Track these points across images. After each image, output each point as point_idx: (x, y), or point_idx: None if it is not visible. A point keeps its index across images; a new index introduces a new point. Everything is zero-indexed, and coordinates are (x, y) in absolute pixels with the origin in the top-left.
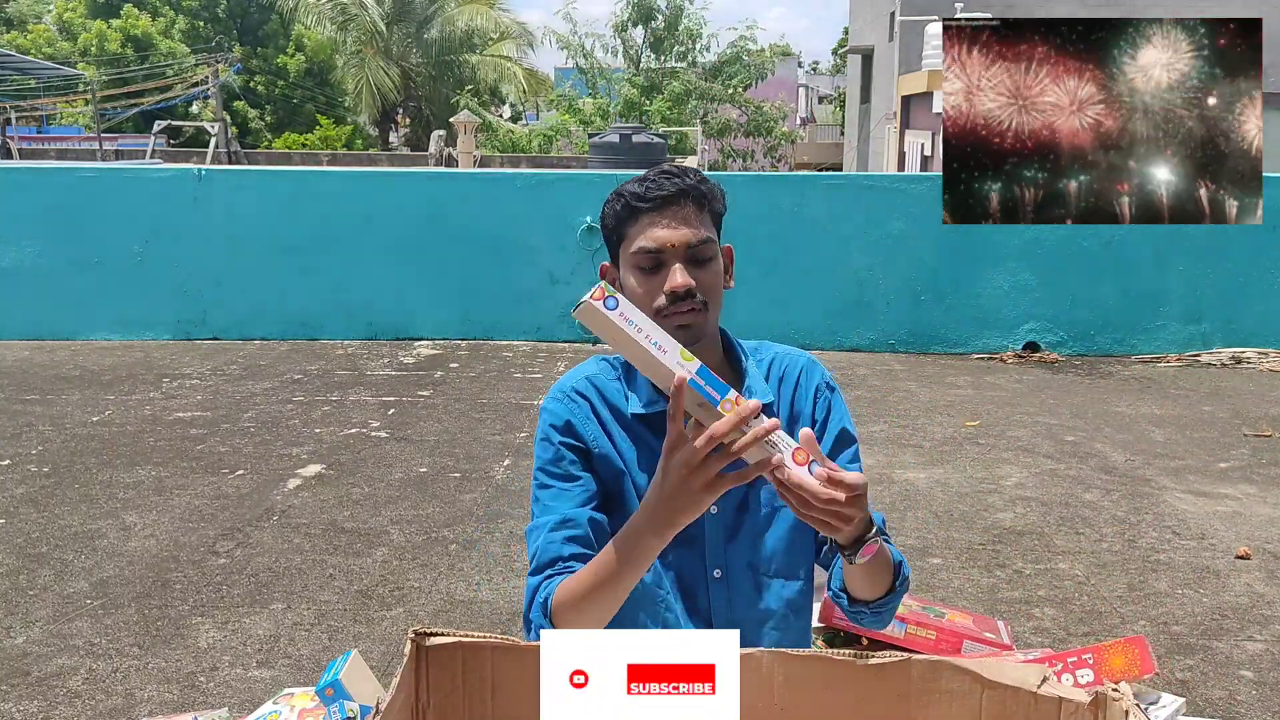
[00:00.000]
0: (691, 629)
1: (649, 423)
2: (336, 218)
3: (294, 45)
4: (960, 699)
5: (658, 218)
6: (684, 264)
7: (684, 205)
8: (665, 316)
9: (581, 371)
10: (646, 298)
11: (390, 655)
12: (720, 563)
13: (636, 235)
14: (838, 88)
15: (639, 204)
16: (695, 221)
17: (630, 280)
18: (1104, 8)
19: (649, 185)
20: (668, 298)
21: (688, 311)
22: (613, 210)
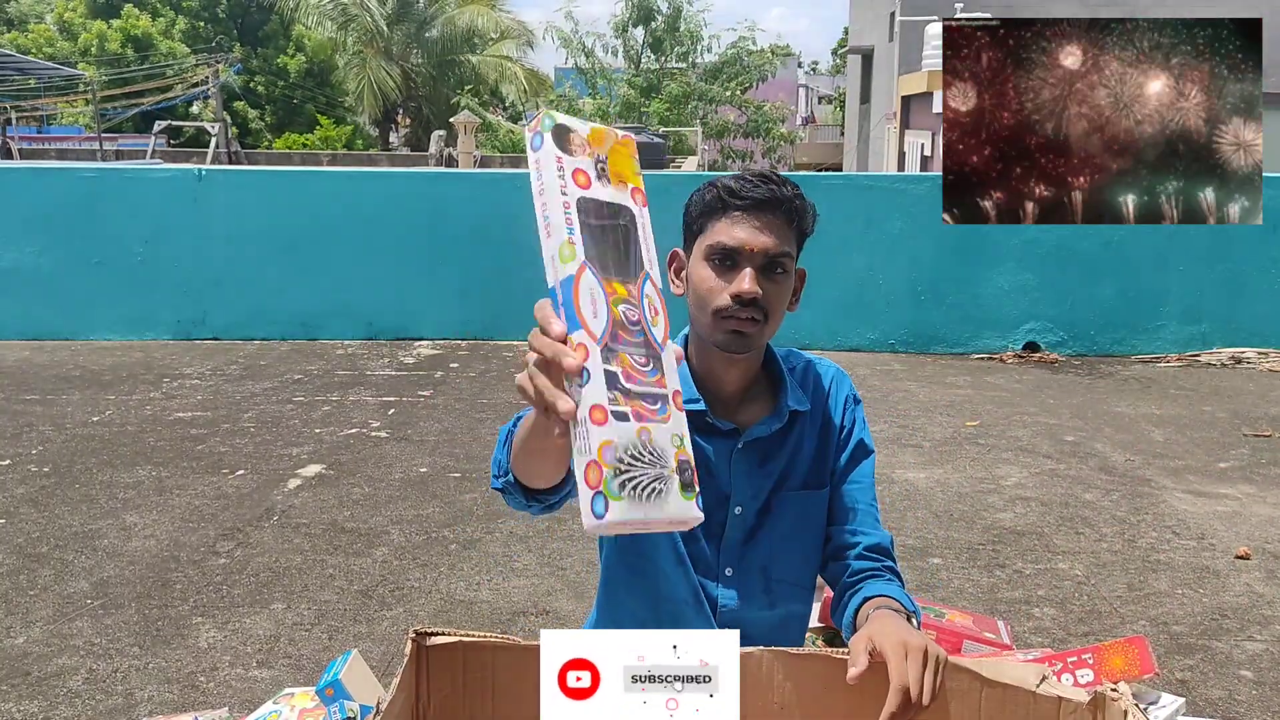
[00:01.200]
0: (696, 628)
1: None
2: (337, 218)
3: (294, 45)
4: (960, 698)
5: (744, 218)
6: (757, 271)
7: (774, 213)
8: (724, 318)
9: None
10: (711, 294)
11: (390, 655)
12: (734, 562)
13: (719, 230)
14: (838, 88)
15: (731, 199)
16: (780, 232)
17: (700, 271)
18: (1104, 8)
19: (745, 183)
20: (733, 300)
21: (747, 319)
22: (701, 198)
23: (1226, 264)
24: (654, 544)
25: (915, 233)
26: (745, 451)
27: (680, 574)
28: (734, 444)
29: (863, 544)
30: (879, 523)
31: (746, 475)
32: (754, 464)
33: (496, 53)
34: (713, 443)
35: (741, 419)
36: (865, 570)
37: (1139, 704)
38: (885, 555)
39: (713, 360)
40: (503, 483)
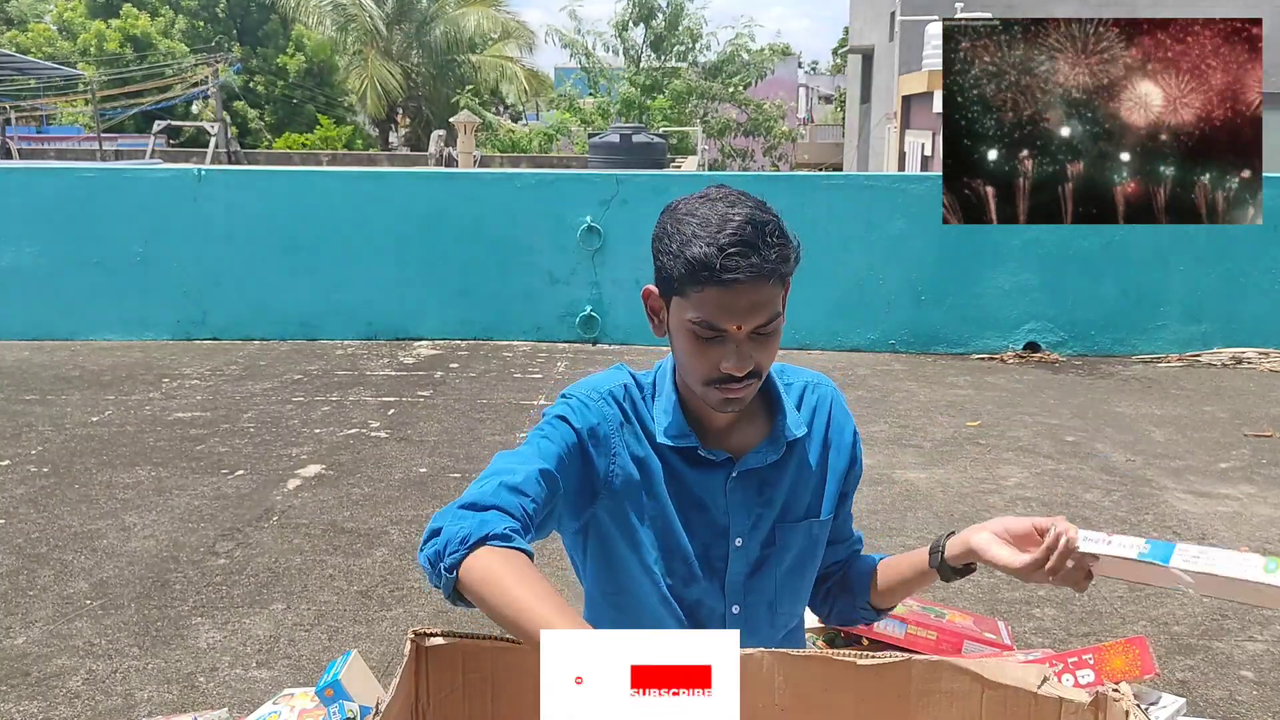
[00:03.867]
0: None
1: (678, 452)
2: (336, 218)
3: (294, 45)
4: (960, 699)
5: (725, 296)
6: (746, 343)
7: (759, 284)
8: (715, 387)
9: (615, 379)
10: (698, 363)
11: (390, 655)
12: (739, 599)
13: (699, 302)
14: (838, 88)
15: (705, 273)
16: (767, 299)
17: (683, 341)
18: (1104, 8)
19: (725, 263)
20: (722, 373)
21: (741, 388)
22: (671, 263)
23: (1226, 264)
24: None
25: (915, 233)
26: (741, 480)
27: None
28: (728, 473)
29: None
30: None
31: (744, 506)
32: (751, 493)
33: (497, 53)
34: (706, 474)
35: (734, 444)
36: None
37: (1140, 704)
38: None
39: (701, 407)
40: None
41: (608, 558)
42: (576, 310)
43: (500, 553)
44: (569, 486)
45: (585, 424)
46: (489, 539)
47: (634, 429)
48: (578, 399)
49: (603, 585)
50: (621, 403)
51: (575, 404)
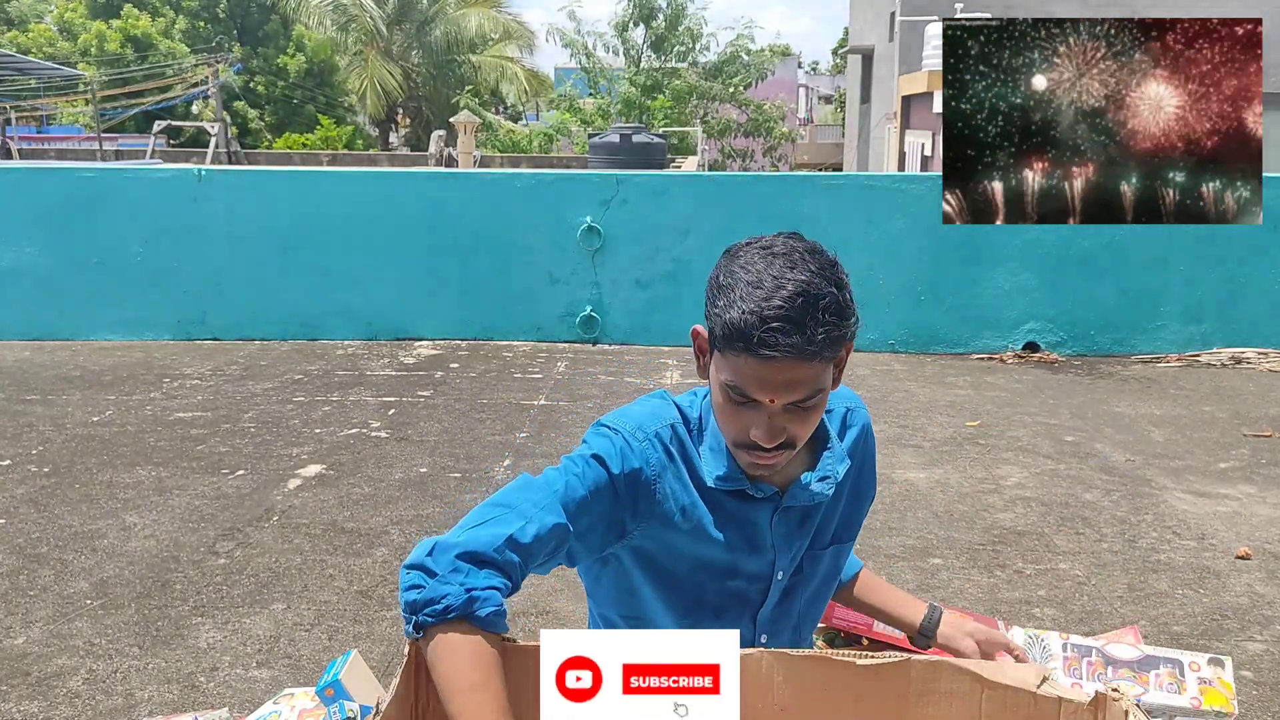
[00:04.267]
0: None
1: (727, 493)
2: (336, 218)
3: (294, 45)
4: (960, 699)
5: (761, 369)
6: (781, 414)
7: (804, 362)
8: (745, 451)
9: (662, 416)
10: (731, 423)
11: (390, 655)
12: (768, 628)
13: (734, 367)
14: (838, 88)
15: (747, 341)
16: (807, 379)
17: (718, 397)
18: (1104, 8)
19: (764, 337)
20: (751, 441)
21: (772, 458)
22: (717, 315)
23: (1226, 264)
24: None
25: (915, 233)
26: (785, 514)
27: None
28: (775, 506)
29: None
30: None
31: (787, 539)
32: (794, 525)
33: (497, 53)
34: (753, 507)
35: (779, 478)
36: None
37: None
38: None
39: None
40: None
41: (630, 590)
42: (576, 310)
43: (471, 641)
44: (592, 527)
45: (626, 467)
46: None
47: (679, 471)
48: (623, 437)
49: (619, 609)
50: (669, 445)
51: (619, 444)
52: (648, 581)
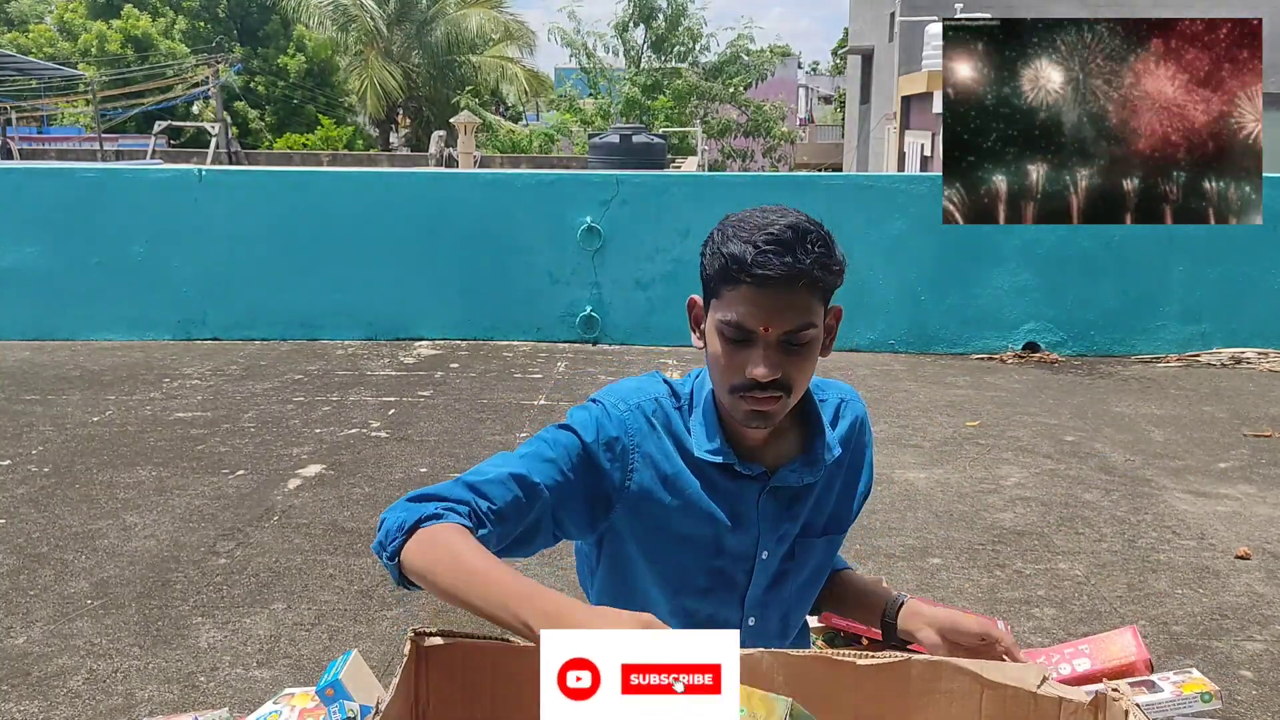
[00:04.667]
0: None
1: (714, 467)
2: (336, 218)
3: (294, 46)
4: (960, 699)
5: (757, 295)
6: (775, 349)
7: (793, 288)
8: (740, 397)
9: (649, 390)
10: (726, 372)
11: (390, 655)
12: (757, 611)
13: (731, 302)
14: (838, 88)
15: (740, 275)
16: (800, 305)
17: (714, 344)
18: (1104, 8)
19: (755, 256)
20: (747, 381)
21: (765, 399)
22: (710, 263)
23: (1226, 264)
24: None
25: (915, 233)
26: (773, 495)
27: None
28: (762, 487)
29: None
30: None
31: (774, 519)
32: (781, 507)
33: (497, 53)
34: (740, 488)
35: (769, 459)
36: None
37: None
38: None
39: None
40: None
41: (622, 570)
42: (576, 310)
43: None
44: (575, 495)
45: (602, 435)
46: (423, 520)
47: (661, 442)
48: (602, 406)
49: (612, 596)
50: (651, 417)
51: (596, 412)
52: (636, 559)
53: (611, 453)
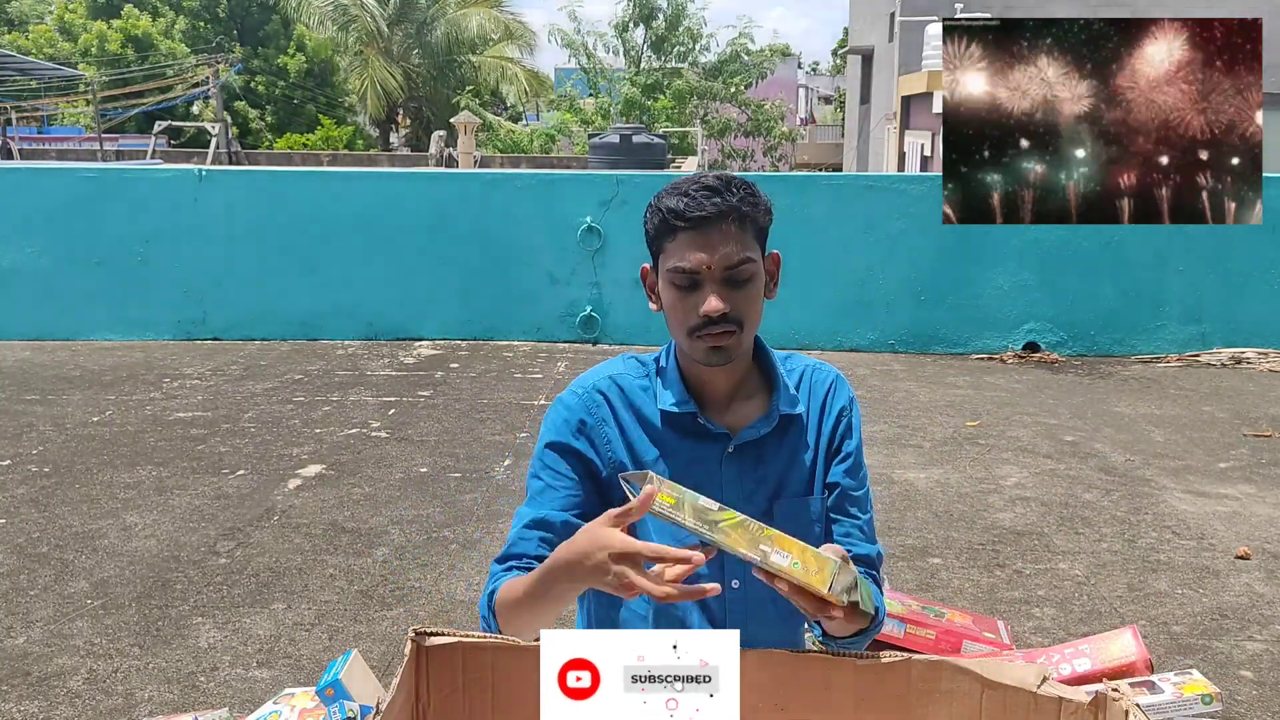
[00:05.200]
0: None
1: (673, 422)
2: (337, 218)
3: (295, 45)
4: (960, 699)
5: (696, 237)
6: (720, 285)
7: (725, 224)
8: (699, 337)
9: (607, 370)
10: (681, 316)
11: (390, 655)
12: (740, 574)
13: (674, 252)
14: (838, 88)
15: (677, 222)
16: (735, 241)
17: (667, 295)
18: (1104, 8)
19: (688, 203)
20: (701, 319)
21: (722, 334)
22: (651, 222)
23: (1226, 264)
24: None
25: (915, 233)
26: (736, 456)
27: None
28: (724, 447)
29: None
30: (872, 536)
31: (738, 480)
32: (746, 469)
33: (497, 53)
34: (703, 446)
35: (732, 421)
36: None
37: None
38: (870, 567)
39: (699, 370)
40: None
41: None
42: (576, 310)
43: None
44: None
45: (570, 425)
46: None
47: (622, 417)
48: (561, 400)
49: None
50: (607, 393)
51: (559, 409)
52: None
53: (585, 436)
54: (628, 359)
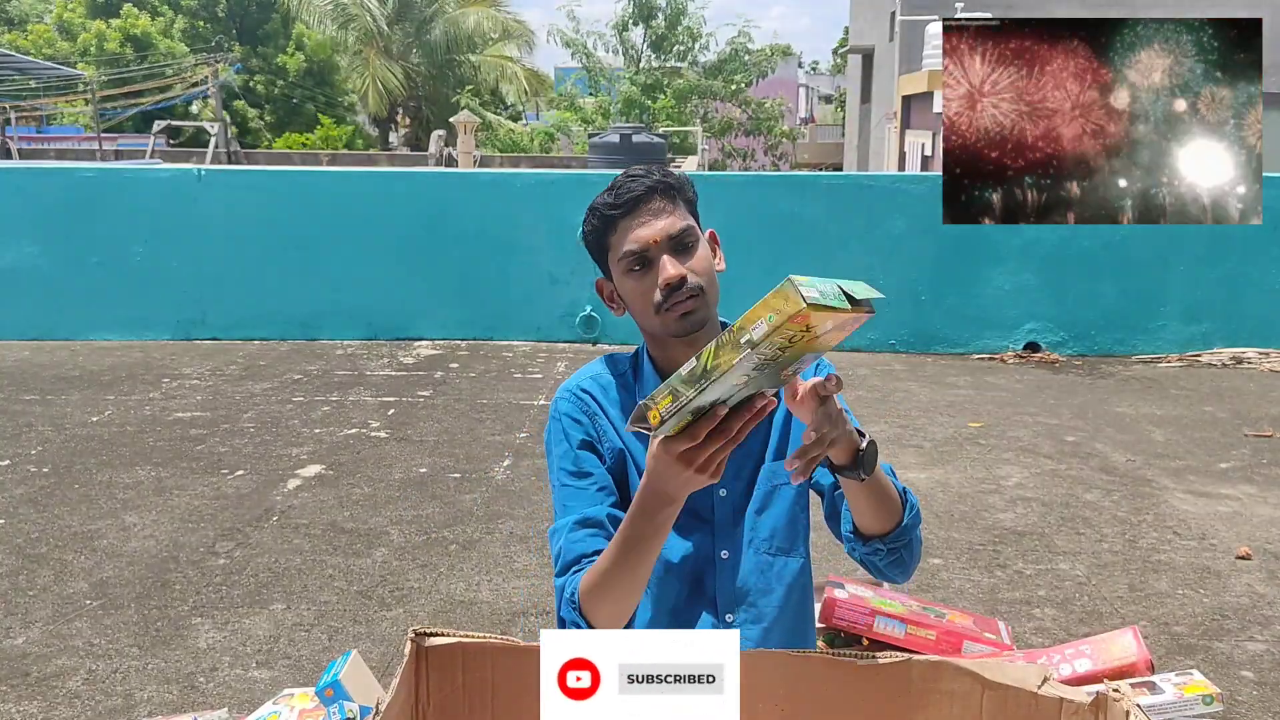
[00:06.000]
0: (698, 610)
1: None
2: (336, 218)
3: (294, 45)
4: (961, 699)
5: (633, 220)
6: (672, 255)
7: (655, 201)
8: (666, 310)
9: (586, 372)
10: (644, 297)
11: (390, 655)
12: (728, 544)
13: (619, 242)
14: (838, 87)
15: (612, 212)
16: (670, 213)
17: (626, 286)
18: (1104, 8)
19: (617, 191)
20: (663, 292)
21: (687, 299)
22: (590, 226)
23: (1226, 264)
24: None
25: (915, 233)
26: None
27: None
28: None
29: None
30: None
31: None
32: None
33: (496, 53)
34: None
35: None
36: None
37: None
38: None
39: (672, 351)
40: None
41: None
42: (576, 310)
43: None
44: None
45: (574, 427)
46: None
47: (609, 413)
48: (555, 408)
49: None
50: (591, 393)
51: (559, 420)
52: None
53: (589, 432)
54: (602, 361)
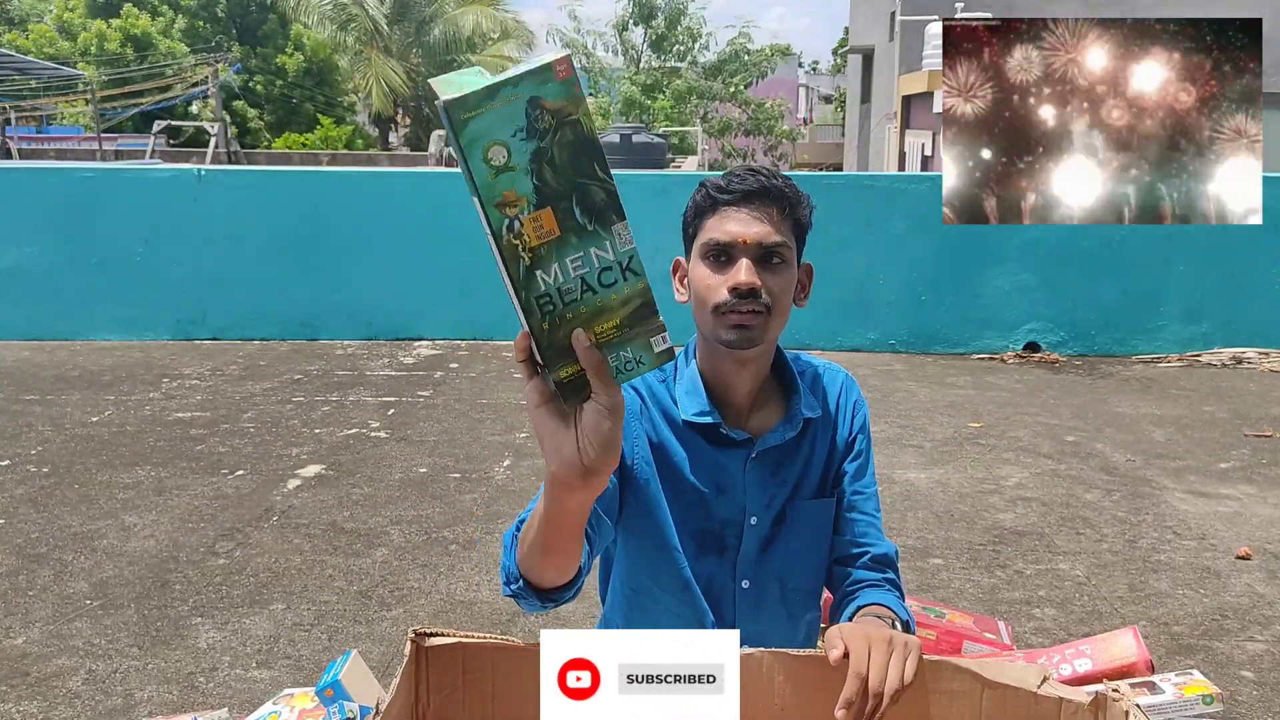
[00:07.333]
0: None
1: (700, 430)
2: (336, 218)
3: (293, 45)
4: (961, 699)
5: (735, 211)
6: (754, 262)
7: (765, 203)
8: (724, 314)
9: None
10: (710, 291)
11: (390, 655)
12: (750, 574)
13: (711, 226)
14: (838, 87)
15: (719, 195)
16: (773, 222)
17: (698, 271)
18: (1104, 7)
19: (733, 178)
20: (731, 294)
21: (748, 312)
22: (694, 200)
23: (1226, 264)
24: (656, 568)
25: (915, 233)
26: (759, 461)
27: (699, 589)
28: (748, 454)
29: (870, 554)
30: (883, 533)
31: (760, 485)
32: (768, 473)
33: (496, 52)
34: (726, 454)
35: (754, 427)
36: (865, 580)
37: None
38: (889, 567)
39: (722, 364)
40: (514, 589)
41: (638, 541)
42: None
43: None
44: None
45: None
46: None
47: (651, 413)
48: None
49: (629, 577)
50: (638, 388)
51: None
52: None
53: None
54: None
